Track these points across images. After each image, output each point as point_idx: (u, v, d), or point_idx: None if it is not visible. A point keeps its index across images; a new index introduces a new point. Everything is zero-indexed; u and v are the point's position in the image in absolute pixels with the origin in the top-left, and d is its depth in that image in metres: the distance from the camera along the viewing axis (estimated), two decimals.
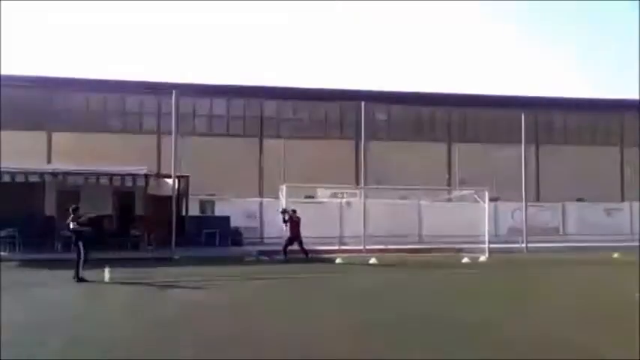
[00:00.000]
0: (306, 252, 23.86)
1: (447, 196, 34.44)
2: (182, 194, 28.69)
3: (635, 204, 39.13)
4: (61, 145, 38.25)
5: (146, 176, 27.14)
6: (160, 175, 30.75)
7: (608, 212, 38.61)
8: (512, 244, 30.50)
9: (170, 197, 26.65)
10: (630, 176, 45.20)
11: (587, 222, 37.34)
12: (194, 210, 30.79)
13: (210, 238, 28.31)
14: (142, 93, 41.12)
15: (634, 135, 47.46)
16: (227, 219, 30.12)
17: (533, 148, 41.70)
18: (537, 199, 41.53)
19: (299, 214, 24.72)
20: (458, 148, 43.86)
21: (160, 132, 40.01)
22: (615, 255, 25.89)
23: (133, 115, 42.35)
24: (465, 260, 23.44)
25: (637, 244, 32.00)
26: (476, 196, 28.45)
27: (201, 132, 41.69)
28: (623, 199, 43.35)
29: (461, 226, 30.55)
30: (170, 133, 28.08)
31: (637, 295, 13.02)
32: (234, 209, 31.60)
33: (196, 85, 39.29)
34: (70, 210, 16.70)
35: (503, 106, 42.60)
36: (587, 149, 45.92)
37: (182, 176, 28.61)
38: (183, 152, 31.13)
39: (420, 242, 32.74)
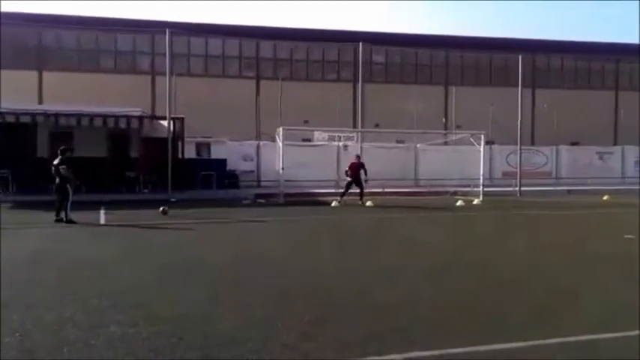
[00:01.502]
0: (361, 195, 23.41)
1: (443, 140, 34.37)
2: (177, 136, 28.54)
3: (627, 148, 39.42)
4: (52, 85, 37.79)
5: (140, 118, 26.99)
6: (154, 117, 30.58)
7: (601, 156, 38.92)
8: (506, 188, 30.70)
9: (165, 139, 26.56)
10: (624, 120, 45.15)
11: (579, 165, 37.67)
12: (190, 153, 30.67)
13: (206, 181, 28.24)
14: (135, 32, 40.42)
15: (629, 79, 47.34)
16: (223, 162, 29.99)
17: (529, 92, 41.40)
18: (532, 143, 41.61)
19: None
20: (455, 91, 43.54)
21: (154, 72, 39.55)
22: (605, 197, 26.16)
23: (126, 54, 41.75)
24: (460, 203, 23.53)
25: (628, 187, 32.59)
26: (472, 139, 28.39)
27: (196, 73, 41.20)
28: (616, 143, 43.50)
29: (456, 170, 30.64)
30: (164, 74, 27.82)
31: (629, 236, 13.28)
32: (231, 152, 31.51)
33: (191, 24, 38.47)
34: (59, 151, 16.55)
35: (500, 49, 42.19)
36: (582, 93, 45.71)
37: (177, 118, 28.46)
38: (178, 93, 30.94)
39: (416, 185, 32.86)
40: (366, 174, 23.65)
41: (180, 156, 28.79)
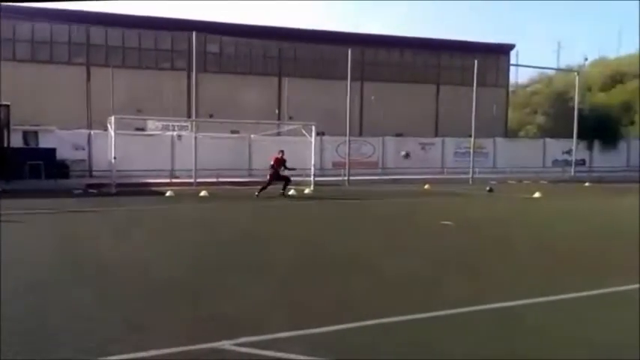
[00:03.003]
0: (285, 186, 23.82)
1: (276, 130, 35.41)
2: (2, 124, 27.36)
3: (447, 139, 42.57)
4: None
5: None
6: None
7: (423, 147, 41.71)
8: (336, 177, 32.29)
9: None
10: (444, 113, 48.59)
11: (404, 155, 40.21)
12: (16, 141, 29.40)
13: (34, 170, 27.30)
14: None
15: (449, 73, 50.82)
16: (52, 151, 29.10)
17: (358, 84, 43.30)
18: (360, 134, 43.73)
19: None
20: (288, 83, 44.68)
21: None
22: (426, 186, 28.46)
23: None
24: (292, 192, 24.63)
25: (447, 176, 35.48)
26: (304, 130, 29.61)
27: (22, 58, 39.31)
28: (436, 135, 46.69)
29: (289, 160, 31.81)
30: None
31: (445, 222, 14.83)
32: (61, 141, 30.62)
33: (17, 7, 36.55)
34: None
35: (330, 43, 43.69)
36: (407, 86, 48.43)
37: (2, 105, 27.27)
38: (3, 79, 29.59)
39: (250, 175, 33.65)
40: (286, 167, 23.87)
41: (5, 145, 27.61)
